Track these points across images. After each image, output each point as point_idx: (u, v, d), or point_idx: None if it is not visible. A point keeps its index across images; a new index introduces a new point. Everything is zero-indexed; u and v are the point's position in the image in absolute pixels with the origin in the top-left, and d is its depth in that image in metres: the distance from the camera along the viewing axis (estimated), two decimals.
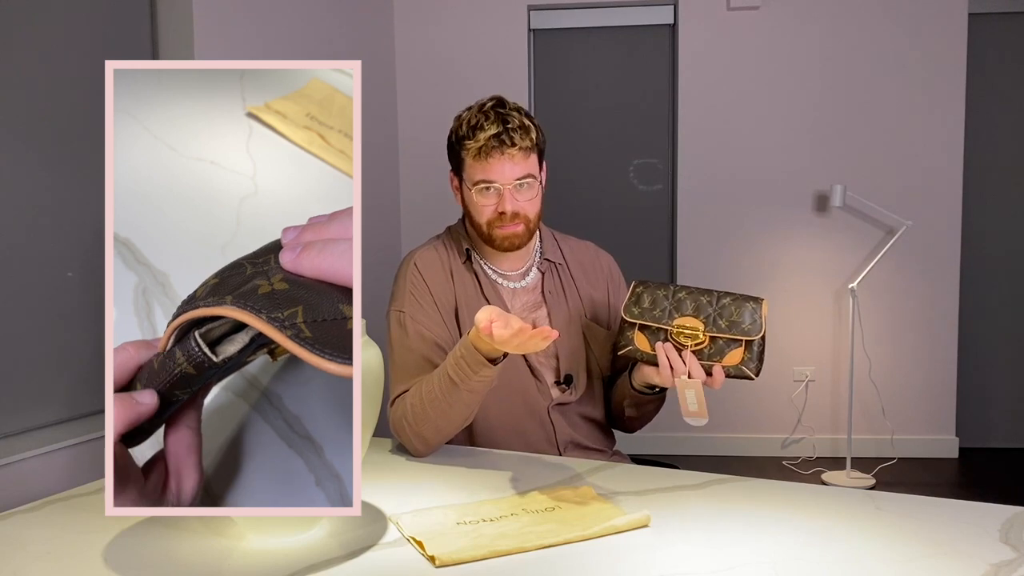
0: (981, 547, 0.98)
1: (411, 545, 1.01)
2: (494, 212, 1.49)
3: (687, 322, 1.36)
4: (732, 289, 1.55)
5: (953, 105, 3.71)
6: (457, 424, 1.40)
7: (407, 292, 1.53)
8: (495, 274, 1.59)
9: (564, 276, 1.62)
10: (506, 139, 1.46)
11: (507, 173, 1.47)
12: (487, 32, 3.90)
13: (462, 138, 1.50)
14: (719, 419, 3.90)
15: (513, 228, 1.50)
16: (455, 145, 1.53)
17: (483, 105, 1.52)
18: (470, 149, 1.48)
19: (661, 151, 3.97)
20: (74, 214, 2.15)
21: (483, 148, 1.46)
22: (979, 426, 3.96)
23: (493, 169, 1.47)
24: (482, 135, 1.47)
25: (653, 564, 0.95)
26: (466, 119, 1.51)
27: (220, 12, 2.61)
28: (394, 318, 1.53)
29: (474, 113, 1.51)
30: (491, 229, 1.51)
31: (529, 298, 1.59)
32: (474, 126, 1.49)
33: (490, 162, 1.47)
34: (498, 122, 1.47)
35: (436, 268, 1.56)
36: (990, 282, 3.95)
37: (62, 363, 2.14)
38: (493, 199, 1.49)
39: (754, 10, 3.76)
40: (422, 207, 3.95)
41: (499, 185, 1.48)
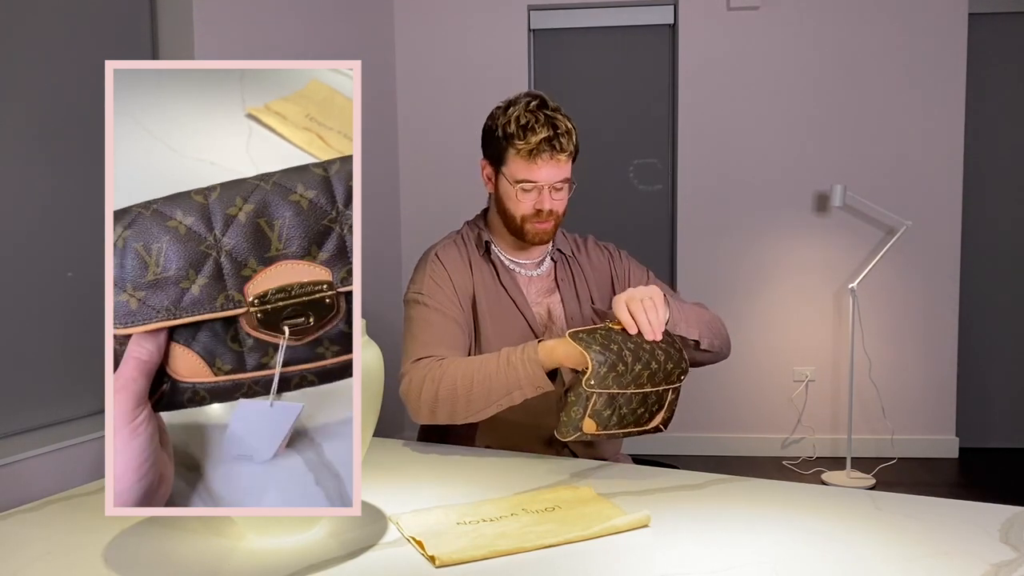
0: (981, 547, 0.98)
1: (411, 545, 1.01)
2: (532, 209, 1.56)
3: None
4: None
5: (953, 105, 3.71)
6: (471, 417, 1.43)
7: (427, 278, 1.58)
8: (512, 263, 1.66)
9: (574, 266, 1.70)
10: (556, 144, 1.52)
11: (551, 175, 1.54)
12: (487, 32, 3.90)
13: (511, 135, 1.53)
14: (719, 419, 3.90)
15: (545, 225, 1.57)
16: (501, 140, 1.55)
17: (528, 104, 1.54)
18: (521, 149, 1.52)
19: (661, 151, 3.97)
20: (74, 214, 2.15)
21: (534, 151, 1.51)
22: (979, 426, 3.96)
23: (540, 171, 1.53)
24: (533, 137, 1.51)
25: (653, 564, 0.95)
26: (515, 116, 1.53)
27: (220, 12, 2.61)
28: (412, 300, 1.58)
29: (523, 112, 1.53)
30: (524, 224, 1.58)
31: (543, 284, 1.67)
32: (524, 126, 1.52)
33: (539, 164, 1.53)
34: (548, 125, 1.52)
35: (456, 259, 1.62)
36: (990, 282, 3.95)
37: (62, 363, 2.14)
38: (533, 197, 1.56)
39: (754, 10, 3.76)
40: (422, 208, 3.95)
41: (542, 185, 1.54)
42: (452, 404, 1.41)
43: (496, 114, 1.57)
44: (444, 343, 1.50)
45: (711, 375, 3.88)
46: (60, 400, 2.14)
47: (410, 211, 4.00)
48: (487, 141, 1.60)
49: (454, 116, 3.92)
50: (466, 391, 1.39)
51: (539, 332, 1.61)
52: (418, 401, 1.43)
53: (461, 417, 1.42)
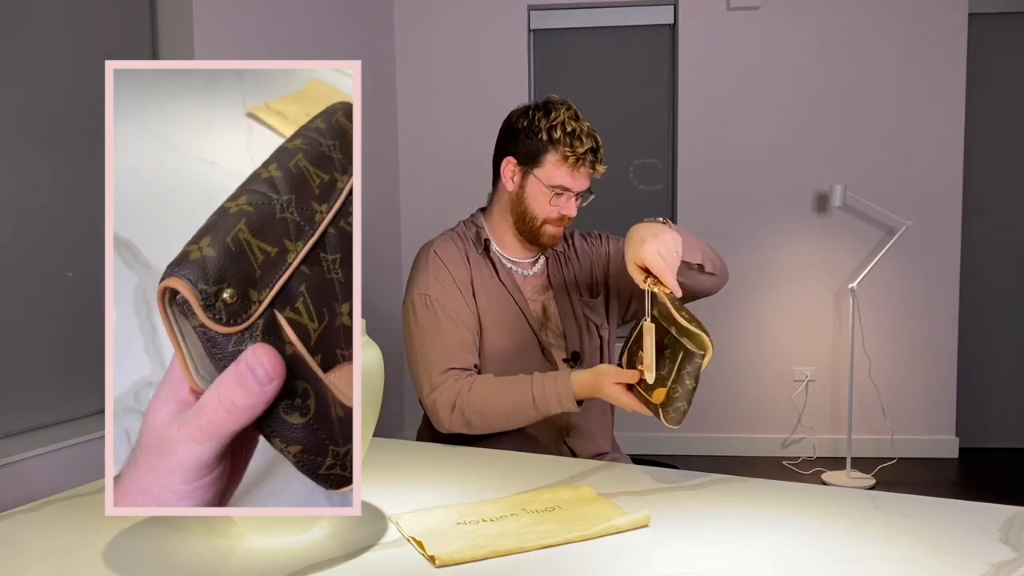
0: (981, 547, 0.98)
1: (411, 545, 1.01)
2: (557, 214, 1.60)
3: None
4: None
5: (953, 105, 3.71)
6: (505, 427, 1.52)
7: (431, 277, 1.59)
8: (509, 262, 1.67)
9: (563, 262, 1.72)
10: (597, 158, 1.58)
11: (583, 185, 1.60)
12: (487, 32, 3.90)
13: (557, 141, 1.55)
14: (719, 419, 3.90)
15: (558, 229, 1.63)
16: (544, 143, 1.57)
17: (569, 109, 1.58)
18: (565, 155, 1.55)
19: (661, 151, 3.97)
20: (74, 214, 2.15)
21: (580, 160, 1.56)
22: (979, 426, 3.96)
23: (579, 180, 1.58)
24: (580, 147, 1.55)
25: (653, 564, 0.95)
26: (559, 123, 1.56)
27: (220, 12, 2.61)
28: (420, 301, 1.58)
29: (567, 119, 1.56)
30: (544, 226, 1.61)
31: (538, 283, 1.69)
32: (572, 133, 1.55)
33: (581, 172, 1.58)
34: (592, 137, 1.57)
35: (454, 254, 1.63)
36: (990, 282, 3.95)
37: (62, 363, 2.14)
38: (563, 203, 1.59)
39: (754, 10, 3.76)
40: (422, 208, 3.95)
41: (573, 193, 1.59)
42: (482, 428, 1.51)
43: (535, 116, 1.58)
44: (463, 348, 1.55)
45: (711, 375, 3.87)
46: (60, 400, 2.14)
47: (410, 211, 4.00)
48: (519, 140, 1.59)
49: (454, 116, 3.92)
50: (500, 420, 1.49)
51: (536, 329, 1.63)
52: (449, 420, 1.51)
53: (498, 429, 1.52)
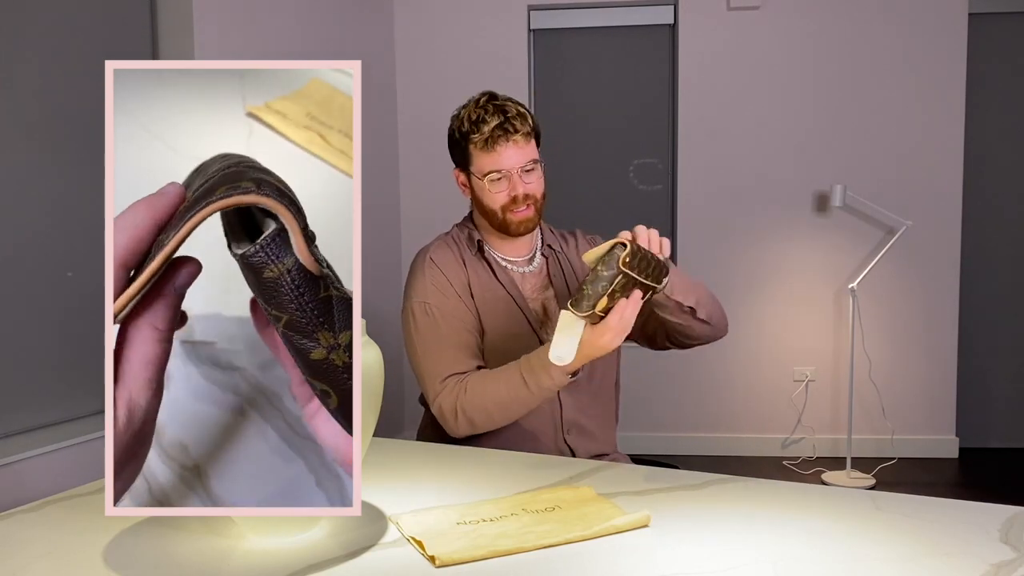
0: (981, 547, 0.98)
1: (411, 545, 1.01)
2: (507, 197, 1.58)
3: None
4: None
5: (953, 105, 3.71)
6: (509, 418, 1.52)
7: (428, 284, 1.60)
8: (504, 261, 1.67)
9: (563, 261, 1.72)
10: (509, 127, 1.55)
11: (515, 159, 1.56)
12: (487, 32, 3.90)
13: (466, 133, 1.57)
14: (719, 419, 3.90)
15: (525, 212, 1.59)
16: (460, 141, 1.60)
17: (478, 101, 1.59)
18: (476, 142, 1.56)
19: (661, 151, 3.97)
20: (74, 214, 2.15)
21: (489, 139, 1.55)
22: (979, 426, 3.96)
23: (502, 157, 1.56)
24: (486, 127, 1.55)
25: (653, 564, 0.95)
26: (465, 115, 1.58)
27: (220, 12, 2.61)
28: (419, 309, 1.59)
29: (472, 109, 1.58)
30: (505, 215, 1.59)
31: (537, 280, 1.69)
32: (475, 120, 1.56)
33: (498, 150, 1.55)
34: (497, 113, 1.55)
35: (450, 259, 1.63)
36: (990, 282, 3.95)
37: (62, 363, 2.14)
38: (504, 186, 1.57)
39: (754, 10, 3.76)
40: (422, 207, 3.96)
41: (508, 171, 1.56)
42: (488, 424, 1.52)
43: (451, 123, 1.62)
44: (466, 352, 1.56)
45: (711, 375, 3.89)
46: (60, 400, 2.14)
47: (410, 211, 4.00)
48: (452, 149, 1.64)
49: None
50: (501, 412, 1.50)
51: (537, 328, 1.62)
52: (455, 424, 1.52)
53: (503, 422, 1.53)
